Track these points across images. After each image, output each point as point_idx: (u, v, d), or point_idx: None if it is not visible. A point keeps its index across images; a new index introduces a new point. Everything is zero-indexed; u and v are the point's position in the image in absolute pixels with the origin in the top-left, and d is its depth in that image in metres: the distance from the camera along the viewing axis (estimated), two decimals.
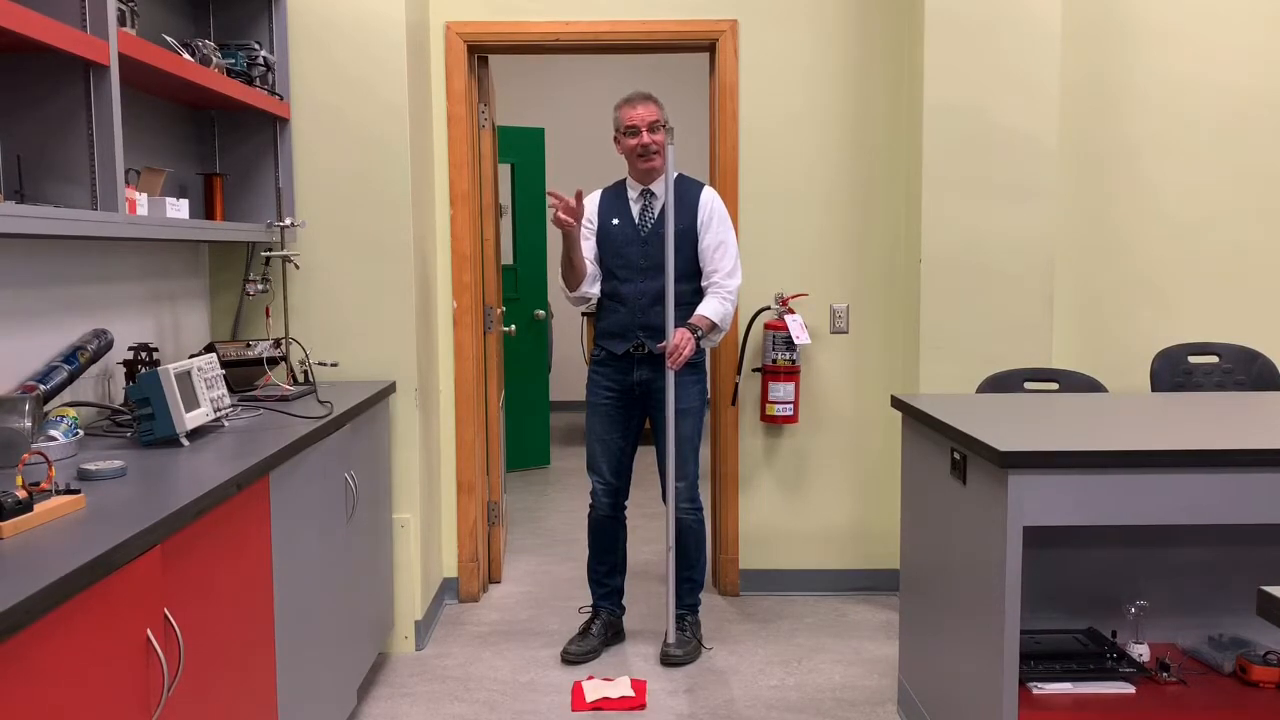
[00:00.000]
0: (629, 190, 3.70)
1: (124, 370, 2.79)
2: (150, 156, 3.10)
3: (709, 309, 3.57)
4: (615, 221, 3.66)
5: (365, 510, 3.27)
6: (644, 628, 3.93)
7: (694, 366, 3.63)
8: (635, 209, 3.66)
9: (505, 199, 6.44)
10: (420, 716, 3.27)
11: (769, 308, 4.22)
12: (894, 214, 4.22)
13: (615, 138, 3.66)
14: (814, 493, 4.35)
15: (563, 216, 3.44)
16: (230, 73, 3.24)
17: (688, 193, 3.63)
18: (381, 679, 3.53)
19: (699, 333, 3.53)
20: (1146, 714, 2.55)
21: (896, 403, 3.15)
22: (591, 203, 3.67)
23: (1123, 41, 4.23)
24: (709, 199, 3.64)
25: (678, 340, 3.50)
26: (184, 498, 1.92)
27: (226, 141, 3.52)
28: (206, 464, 2.27)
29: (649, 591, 4.32)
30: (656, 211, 3.63)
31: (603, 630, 3.77)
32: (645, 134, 3.58)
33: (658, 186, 3.64)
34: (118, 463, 2.12)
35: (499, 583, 4.54)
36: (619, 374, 3.67)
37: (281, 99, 3.50)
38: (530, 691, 3.44)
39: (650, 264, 3.60)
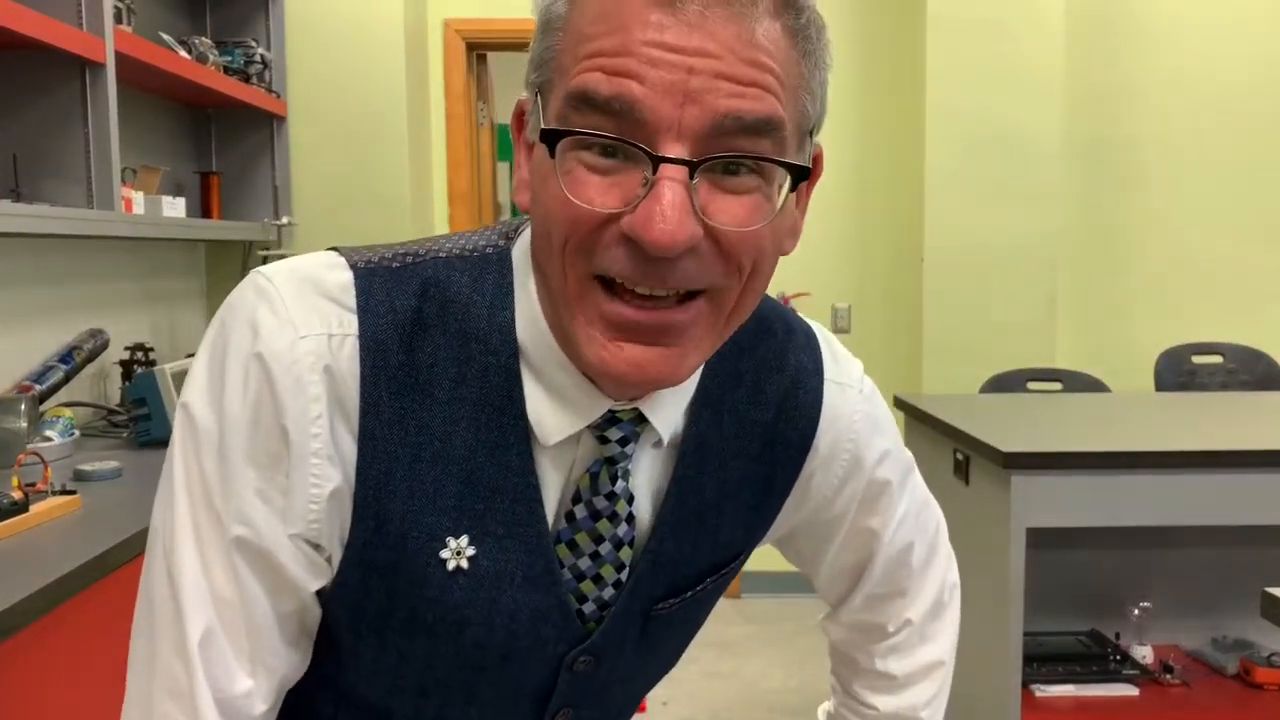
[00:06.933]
0: (538, 391, 0.75)
1: (120, 370, 2.78)
2: (147, 155, 3.09)
3: None
4: (454, 562, 0.74)
5: None
6: None
7: None
8: (552, 487, 0.77)
9: (505, 198, 6.42)
10: None
11: None
12: (896, 213, 4.20)
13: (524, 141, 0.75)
14: None
15: None
16: (227, 71, 3.23)
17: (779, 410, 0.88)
18: None
19: None
20: (1150, 716, 2.53)
21: (899, 402, 3.13)
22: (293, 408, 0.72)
23: (1126, 40, 4.22)
24: (855, 436, 0.93)
25: None
26: None
27: (223, 140, 3.51)
28: None
29: None
30: (651, 509, 0.82)
31: None
32: (667, 186, 0.65)
33: (658, 406, 0.79)
34: (114, 463, 2.10)
35: None
36: None
37: (278, 97, 3.48)
38: None
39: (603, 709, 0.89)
